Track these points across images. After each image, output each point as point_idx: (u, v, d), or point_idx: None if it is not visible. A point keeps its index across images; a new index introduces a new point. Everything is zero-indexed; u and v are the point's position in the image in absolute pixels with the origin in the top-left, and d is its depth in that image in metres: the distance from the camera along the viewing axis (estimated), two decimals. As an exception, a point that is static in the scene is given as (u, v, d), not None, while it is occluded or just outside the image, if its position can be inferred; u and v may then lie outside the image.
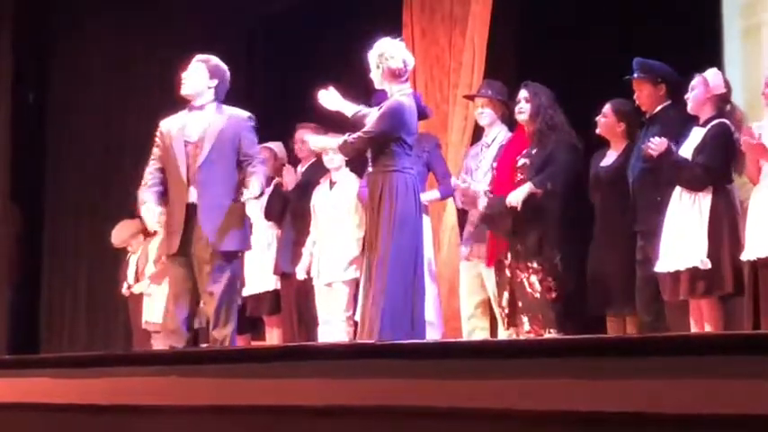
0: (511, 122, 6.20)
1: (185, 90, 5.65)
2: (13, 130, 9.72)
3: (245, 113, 5.66)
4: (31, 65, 9.98)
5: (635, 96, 5.59)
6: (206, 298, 5.49)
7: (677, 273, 5.12)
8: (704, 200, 5.09)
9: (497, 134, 6.22)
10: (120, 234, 8.44)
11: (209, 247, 5.44)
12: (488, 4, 7.15)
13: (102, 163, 9.85)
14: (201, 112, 5.61)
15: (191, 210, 5.48)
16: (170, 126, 5.67)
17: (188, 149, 5.55)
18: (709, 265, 5.01)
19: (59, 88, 10.17)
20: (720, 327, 5.09)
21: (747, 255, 5.04)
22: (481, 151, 6.27)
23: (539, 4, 7.13)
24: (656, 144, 5.16)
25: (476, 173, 6.18)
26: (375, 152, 5.41)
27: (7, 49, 9.75)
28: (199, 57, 5.70)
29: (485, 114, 6.26)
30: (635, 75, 5.54)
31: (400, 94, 5.45)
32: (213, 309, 5.44)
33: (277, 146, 7.26)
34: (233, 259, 5.54)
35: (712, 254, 5.02)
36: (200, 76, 5.63)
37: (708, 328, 5.08)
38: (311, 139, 5.89)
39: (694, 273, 5.05)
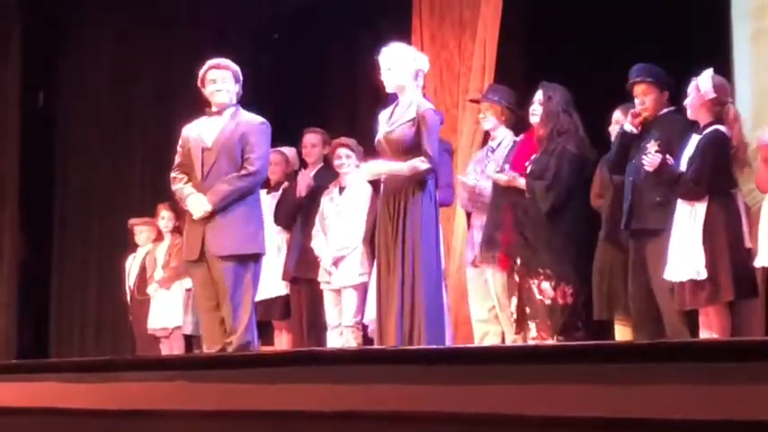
0: (516, 127, 6.18)
1: (223, 99, 5.60)
2: (22, 136, 9.75)
3: (259, 118, 5.62)
4: (39, 70, 10.00)
5: (639, 101, 5.55)
6: (223, 303, 5.48)
7: (681, 283, 5.09)
8: (700, 209, 5.06)
9: (503, 138, 6.19)
10: (137, 219, 8.48)
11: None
12: (498, 8, 7.13)
13: (110, 168, 9.86)
14: (219, 117, 5.60)
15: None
16: (189, 132, 5.66)
17: (204, 156, 5.56)
18: (704, 276, 4.97)
19: (68, 93, 10.19)
20: (727, 333, 5.07)
21: (761, 261, 5.02)
22: (486, 156, 6.25)
23: (548, 7, 7.12)
24: (650, 160, 5.14)
25: (481, 177, 6.16)
26: (401, 159, 5.35)
27: (16, 54, 9.78)
28: (221, 63, 5.66)
29: (487, 119, 6.24)
30: (645, 79, 5.51)
31: (421, 99, 5.45)
32: (228, 314, 5.43)
33: (289, 151, 7.25)
34: (245, 264, 5.48)
35: (710, 263, 4.99)
36: (230, 84, 5.61)
37: (715, 335, 5.06)
38: (369, 168, 5.58)
39: (695, 283, 5.02)
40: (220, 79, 5.60)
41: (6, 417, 5.08)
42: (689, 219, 5.08)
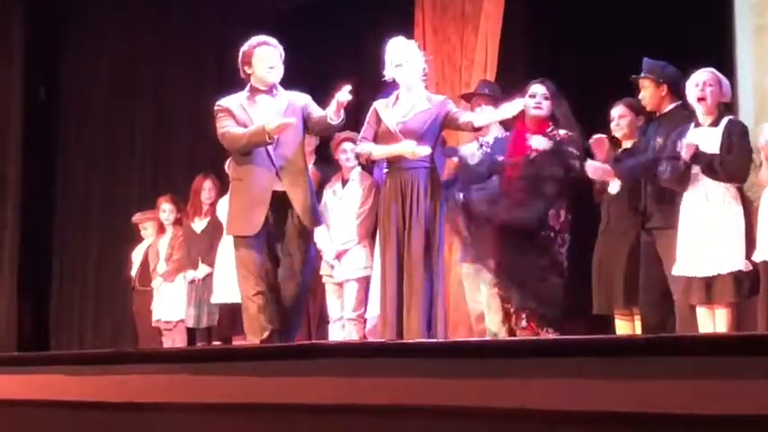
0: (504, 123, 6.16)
1: (275, 78, 5.49)
2: (24, 128, 9.77)
3: (304, 94, 5.60)
4: (41, 65, 10.00)
5: (640, 96, 5.58)
6: (286, 283, 5.41)
7: (713, 277, 5.06)
8: (735, 201, 5.06)
9: (496, 133, 6.19)
10: (141, 214, 8.50)
11: (297, 227, 5.38)
12: (501, 1, 7.14)
13: (111, 163, 9.87)
14: (269, 95, 5.50)
15: (275, 192, 5.39)
16: (240, 105, 5.49)
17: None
18: (750, 267, 4.99)
19: (70, 88, 10.19)
20: (733, 327, 5.08)
21: (762, 256, 5.02)
22: (480, 148, 6.23)
23: (550, 1, 7.12)
24: (687, 147, 5.11)
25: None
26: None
27: (19, 49, 9.79)
28: (271, 41, 5.52)
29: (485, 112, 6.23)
30: (647, 75, 5.52)
31: (428, 93, 5.58)
32: (292, 296, 5.39)
33: None
34: (311, 238, 5.52)
35: (749, 254, 5.01)
36: (280, 63, 5.51)
37: (720, 330, 5.06)
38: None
39: (738, 276, 5.01)
40: (273, 58, 5.50)
41: (8, 408, 5.09)
42: (722, 210, 5.05)
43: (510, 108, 5.36)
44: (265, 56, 5.47)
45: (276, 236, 5.42)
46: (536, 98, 5.77)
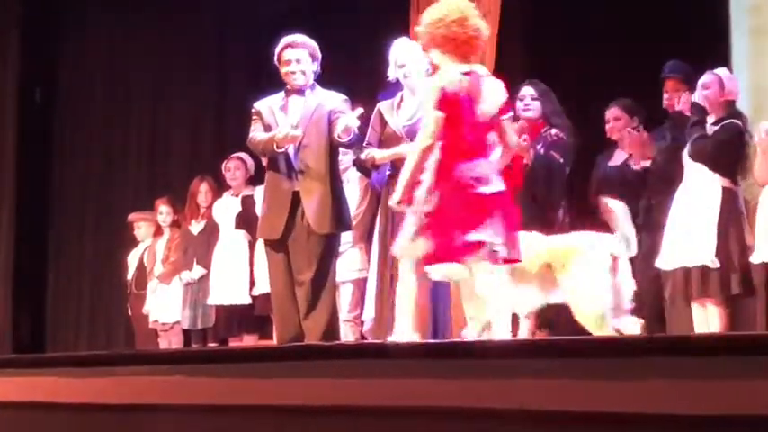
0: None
1: (299, 81, 5.43)
2: (19, 129, 9.76)
3: (341, 96, 5.49)
4: (38, 64, 10.00)
5: (668, 96, 5.61)
6: (299, 283, 5.37)
7: (687, 271, 5.09)
8: (714, 199, 5.08)
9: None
10: (137, 214, 8.50)
11: (305, 230, 5.32)
12: (497, 4, 7.13)
13: (107, 164, 9.87)
14: (300, 97, 5.45)
15: (294, 195, 5.36)
16: (270, 108, 5.47)
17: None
18: (718, 265, 5.00)
19: (66, 90, 10.18)
20: (727, 327, 5.08)
21: (761, 257, 5.03)
22: None
23: (547, 4, 7.13)
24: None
25: None
26: None
27: (15, 48, 9.78)
28: (297, 41, 5.45)
29: None
30: (675, 75, 5.58)
31: None
32: (305, 295, 5.32)
33: (248, 157, 7.33)
34: (330, 243, 5.42)
35: (721, 253, 5.01)
36: (309, 64, 5.45)
37: (714, 329, 5.07)
38: None
39: (705, 272, 5.03)
40: (295, 60, 5.43)
41: (4, 411, 5.09)
42: (699, 207, 5.08)
43: None
44: (289, 58, 5.44)
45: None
46: (525, 100, 5.79)
